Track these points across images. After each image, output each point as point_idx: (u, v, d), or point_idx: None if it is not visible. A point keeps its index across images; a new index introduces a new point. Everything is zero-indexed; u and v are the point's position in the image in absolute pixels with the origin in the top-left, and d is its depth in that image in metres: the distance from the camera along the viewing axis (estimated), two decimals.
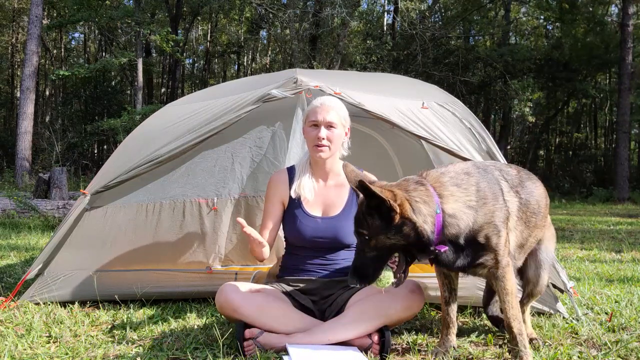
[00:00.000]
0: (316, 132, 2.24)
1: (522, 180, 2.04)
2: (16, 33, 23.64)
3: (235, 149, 2.92)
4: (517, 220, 1.95)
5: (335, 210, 2.28)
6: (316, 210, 2.29)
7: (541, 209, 2.08)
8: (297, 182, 2.30)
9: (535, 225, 2.06)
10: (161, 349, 2.07)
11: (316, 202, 2.30)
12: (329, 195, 2.31)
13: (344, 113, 2.31)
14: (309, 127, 2.28)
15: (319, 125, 2.24)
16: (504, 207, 1.88)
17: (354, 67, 16.93)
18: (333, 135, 2.25)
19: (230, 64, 27.59)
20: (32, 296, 2.68)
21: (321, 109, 2.25)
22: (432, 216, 1.75)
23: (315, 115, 2.26)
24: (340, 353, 1.99)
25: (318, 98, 2.34)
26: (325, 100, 2.30)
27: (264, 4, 15.77)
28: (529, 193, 2.03)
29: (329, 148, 2.25)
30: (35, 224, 6.53)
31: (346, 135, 2.33)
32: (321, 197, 2.31)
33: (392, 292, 2.09)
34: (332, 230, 2.25)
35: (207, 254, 2.85)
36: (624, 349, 2.11)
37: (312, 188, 2.30)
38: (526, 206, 2.00)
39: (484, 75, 17.85)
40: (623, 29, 15.20)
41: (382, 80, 3.75)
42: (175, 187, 2.87)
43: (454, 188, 1.83)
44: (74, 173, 13.86)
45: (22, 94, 12.73)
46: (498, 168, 2.02)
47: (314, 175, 2.34)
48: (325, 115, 2.24)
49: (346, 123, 2.32)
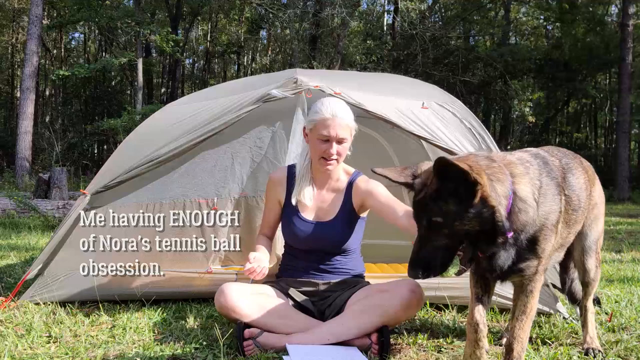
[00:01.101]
0: (326, 146, 2.14)
1: (564, 173, 1.81)
2: (16, 33, 23.63)
3: (235, 149, 2.92)
4: (561, 222, 1.74)
5: (330, 216, 2.27)
6: (311, 215, 2.28)
7: (581, 203, 1.85)
8: (297, 189, 2.27)
9: (575, 222, 1.86)
10: (161, 349, 2.07)
11: (312, 206, 2.28)
12: (324, 201, 2.29)
13: (353, 122, 2.20)
14: (317, 139, 2.16)
15: (330, 140, 2.14)
16: (558, 209, 1.69)
17: (354, 67, 16.92)
18: (344, 149, 2.19)
19: (230, 64, 27.58)
20: (32, 296, 2.68)
21: (333, 123, 2.12)
22: (505, 198, 1.53)
23: (327, 129, 2.12)
24: (340, 353, 1.99)
25: (326, 104, 2.18)
26: (337, 111, 2.15)
27: (264, 4, 15.77)
28: (571, 188, 1.80)
29: (337, 161, 2.19)
30: (35, 224, 6.53)
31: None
32: (317, 202, 2.29)
33: (392, 291, 2.09)
34: (325, 235, 2.24)
35: (207, 254, 2.85)
36: (623, 349, 2.11)
37: (312, 195, 2.28)
38: (568, 204, 1.78)
39: (484, 75, 17.85)
40: (623, 29, 15.19)
41: (382, 80, 3.75)
42: (175, 187, 2.86)
43: (523, 169, 1.62)
44: (74, 173, 13.84)
45: (22, 94, 12.73)
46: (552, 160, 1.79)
47: (315, 182, 2.31)
48: (339, 131, 2.13)
49: (354, 131, 2.22)
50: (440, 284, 2.67)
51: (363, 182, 2.28)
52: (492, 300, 2.60)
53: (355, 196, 2.26)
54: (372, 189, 2.24)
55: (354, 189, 2.27)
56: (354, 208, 2.27)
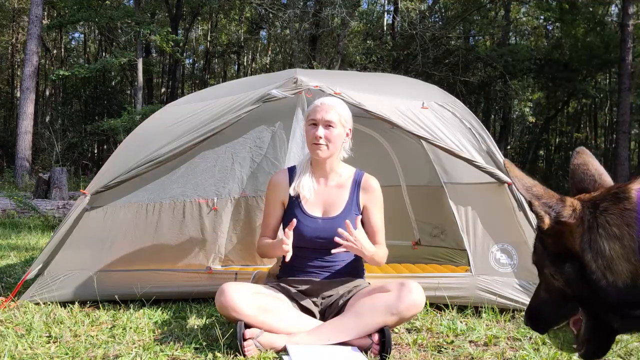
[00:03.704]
0: (314, 130, 2.22)
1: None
2: (16, 33, 23.63)
3: (235, 149, 2.92)
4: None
5: (336, 211, 2.27)
6: (316, 211, 2.28)
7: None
8: (297, 181, 2.29)
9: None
10: (161, 349, 2.07)
11: (316, 202, 2.28)
12: (329, 196, 2.29)
13: (346, 113, 2.28)
14: (308, 125, 2.27)
15: (317, 123, 2.22)
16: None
17: (354, 67, 16.91)
18: (331, 134, 2.22)
19: (230, 64, 27.57)
20: (32, 296, 2.68)
21: (321, 108, 2.24)
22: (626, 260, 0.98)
23: (315, 113, 2.24)
24: (340, 353, 1.99)
25: (320, 98, 2.33)
26: (326, 99, 2.29)
27: (264, 4, 15.76)
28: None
29: (327, 147, 2.22)
30: (35, 224, 6.53)
31: (347, 136, 2.30)
32: (322, 197, 2.29)
33: (393, 291, 2.08)
34: (331, 231, 2.23)
35: (207, 254, 2.85)
36: (623, 349, 2.11)
37: (312, 187, 2.28)
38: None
39: (484, 75, 17.84)
40: (623, 29, 15.18)
41: (382, 81, 3.75)
42: (175, 187, 2.86)
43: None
44: (74, 173, 13.85)
45: (22, 94, 12.73)
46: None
47: (314, 175, 2.32)
48: (324, 115, 2.21)
49: (347, 124, 2.28)
50: (440, 284, 2.68)
51: (371, 177, 2.34)
52: (492, 300, 2.62)
53: (364, 190, 2.30)
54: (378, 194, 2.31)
55: (364, 183, 2.31)
56: (359, 204, 2.29)
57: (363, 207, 2.29)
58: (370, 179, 2.32)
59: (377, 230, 2.28)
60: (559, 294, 1.10)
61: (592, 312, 1.07)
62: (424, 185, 3.69)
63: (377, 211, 2.30)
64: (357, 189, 2.29)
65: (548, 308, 1.15)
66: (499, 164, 2.71)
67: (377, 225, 2.28)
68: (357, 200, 2.28)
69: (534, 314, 1.18)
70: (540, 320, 1.17)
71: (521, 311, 2.60)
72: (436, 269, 3.11)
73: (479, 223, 2.72)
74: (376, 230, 2.28)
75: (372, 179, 2.33)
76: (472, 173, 2.74)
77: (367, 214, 2.28)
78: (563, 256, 1.04)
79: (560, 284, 1.07)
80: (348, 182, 2.30)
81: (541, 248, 1.09)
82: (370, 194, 2.29)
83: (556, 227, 1.01)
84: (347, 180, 2.31)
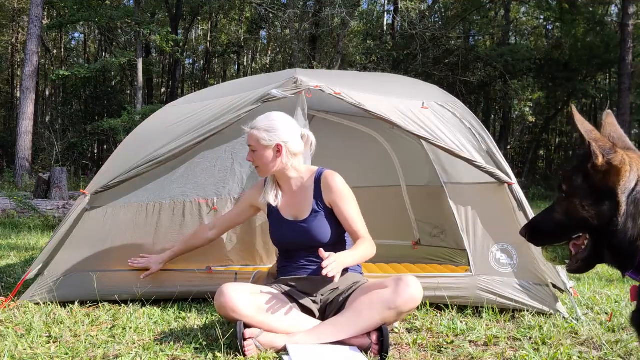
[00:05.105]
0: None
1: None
2: (16, 33, 23.64)
3: (235, 149, 2.92)
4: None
5: (305, 214, 2.30)
6: (289, 215, 2.33)
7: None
8: (264, 190, 2.39)
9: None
10: (161, 349, 2.07)
11: (287, 207, 2.34)
12: (296, 200, 2.34)
13: (259, 131, 2.23)
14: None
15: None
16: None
17: (354, 67, 16.93)
18: (254, 157, 2.27)
19: (230, 64, 27.58)
20: (32, 296, 2.68)
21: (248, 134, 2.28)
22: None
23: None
24: (340, 353, 1.99)
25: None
26: (252, 123, 2.28)
27: (264, 4, 15.76)
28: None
29: (259, 168, 2.29)
30: (35, 224, 6.53)
31: (279, 151, 2.23)
32: (290, 202, 2.34)
33: (391, 287, 2.08)
34: (303, 233, 2.28)
35: (207, 254, 2.85)
36: (624, 349, 2.11)
37: (276, 195, 2.34)
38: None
39: (484, 75, 17.84)
40: (623, 29, 15.19)
41: (382, 80, 3.75)
42: (175, 187, 2.87)
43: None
44: (74, 173, 13.86)
45: (22, 94, 12.73)
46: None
47: (278, 183, 2.37)
48: (248, 140, 2.28)
49: (271, 141, 2.21)
50: (440, 284, 2.68)
51: (329, 174, 2.31)
52: (492, 300, 2.62)
53: (325, 189, 2.29)
54: (339, 189, 2.27)
55: (323, 183, 2.30)
56: (326, 202, 2.29)
57: (331, 204, 2.29)
58: (328, 176, 2.30)
59: (353, 221, 2.26)
60: (580, 221, 1.25)
61: (600, 242, 1.25)
62: (424, 185, 3.69)
63: (345, 204, 2.27)
64: (318, 188, 2.30)
65: (559, 230, 1.31)
66: (499, 164, 2.71)
67: (351, 217, 2.26)
68: (321, 199, 2.29)
69: (538, 229, 1.35)
70: (544, 236, 1.35)
71: (521, 311, 2.60)
72: (436, 269, 3.11)
73: (479, 223, 2.73)
74: (352, 221, 2.26)
75: (331, 175, 2.30)
76: (472, 173, 2.74)
77: (337, 209, 2.28)
78: (605, 193, 1.20)
79: (589, 214, 1.23)
80: (310, 183, 2.33)
81: (581, 182, 1.25)
82: (331, 191, 2.27)
83: (606, 166, 1.20)
84: (309, 182, 2.33)
